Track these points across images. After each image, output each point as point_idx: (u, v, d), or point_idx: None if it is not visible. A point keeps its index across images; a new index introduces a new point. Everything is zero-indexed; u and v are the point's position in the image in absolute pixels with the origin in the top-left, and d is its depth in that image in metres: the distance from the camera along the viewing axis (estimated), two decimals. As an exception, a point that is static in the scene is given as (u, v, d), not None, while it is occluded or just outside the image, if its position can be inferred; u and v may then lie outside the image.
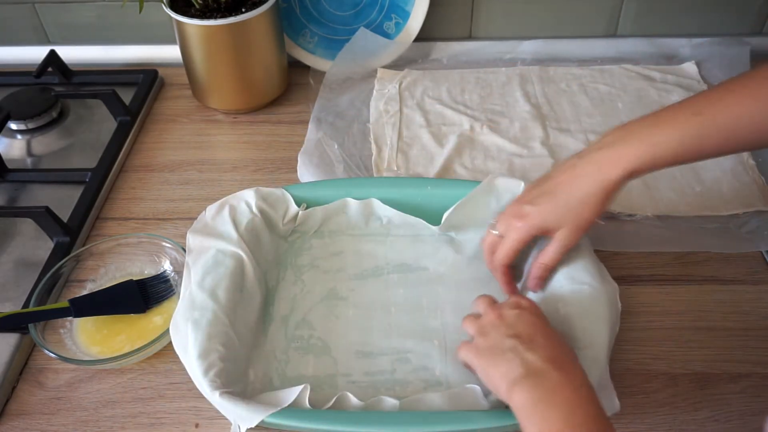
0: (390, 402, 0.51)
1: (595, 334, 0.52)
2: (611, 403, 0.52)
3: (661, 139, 0.50)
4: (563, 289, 0.56)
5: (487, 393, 0.51)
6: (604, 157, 0.51)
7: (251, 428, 0.49)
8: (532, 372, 0.45)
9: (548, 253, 0.56)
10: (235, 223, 0.61)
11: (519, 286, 0.60)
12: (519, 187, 0.63)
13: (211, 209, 0.62)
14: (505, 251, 0.56)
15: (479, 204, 0.64)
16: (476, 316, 0.53)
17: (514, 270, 0.59)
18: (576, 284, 0.55)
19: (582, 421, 0.42)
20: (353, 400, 0.51)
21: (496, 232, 0.57)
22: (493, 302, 0.53)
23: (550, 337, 0.48)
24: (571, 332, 0.53)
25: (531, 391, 0.44)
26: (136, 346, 0.57)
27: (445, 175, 0.75)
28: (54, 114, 0.86)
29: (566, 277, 0.56)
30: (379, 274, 0.64)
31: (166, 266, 0.65)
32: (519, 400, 0.44)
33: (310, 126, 0.81)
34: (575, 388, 0.44)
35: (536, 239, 0.57)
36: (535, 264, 0.57)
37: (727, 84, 0.51)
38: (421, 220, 0.66)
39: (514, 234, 0.55)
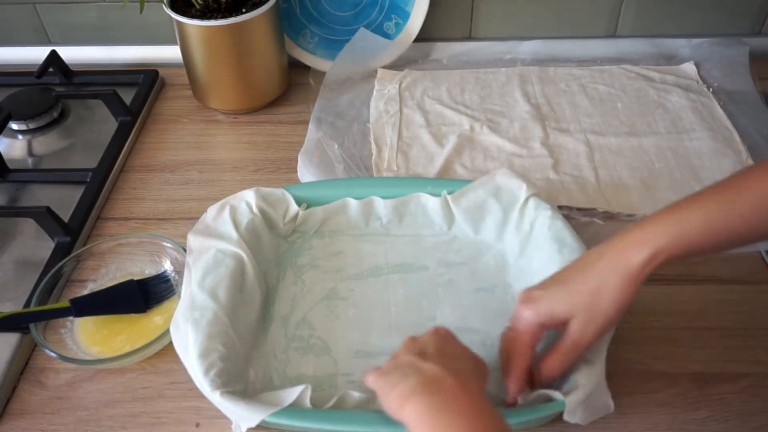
0: None
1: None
2: (605, 403, 0.52)
3: (689, 217, 0.46)
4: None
5: None
6: (626, 241, 0.46)
7: (252, 428, 0.49)
8: (427, 379, 0.42)
9: (555, 353, 0.48)
10: (236, 223, 0.61)
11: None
12: (520, 189, 0.63)
13: (212, 210, 0.62)
14: (523, 351, 0.49)
15: (479, 198, 0.64)
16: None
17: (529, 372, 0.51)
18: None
19: (483, 428, 0.40)
20: (355, 394, 0.51)
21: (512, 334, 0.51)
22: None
23: (456, 352, 0.46)
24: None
25: (423, 401, 0.41)
26: (137, 346, 0.57)
27: (445, 175, 0.75)
28: (55, 114, 0.86)
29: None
30: (379, 274, 0.64)
31: (167, 266, 0.65)
32: (414, 410, 0.41)
33: (310, 126, 0.81)
34: (472, 396, 0.42)
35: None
36: (542, 366, 0.49)
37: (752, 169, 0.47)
38: (423, 193, 0.65)
39: (523, 326, 0.49)
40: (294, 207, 0.65)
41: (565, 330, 0.48)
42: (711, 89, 0.85)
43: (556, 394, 0.49)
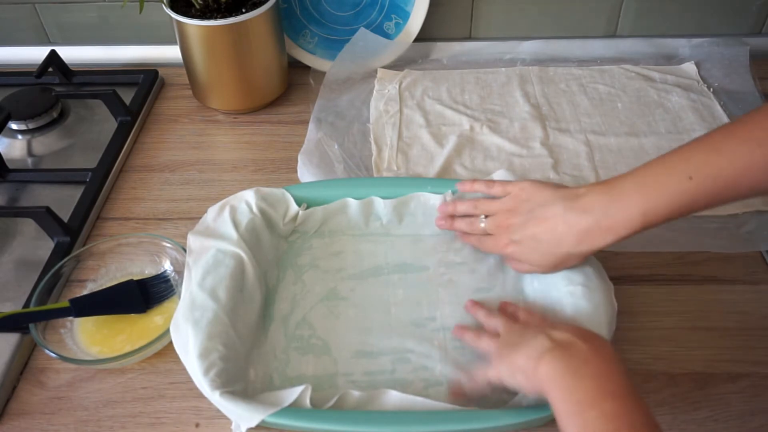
0: (393, 395, 0.51)
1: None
2: None
3: (652, 206, 0.50)
4: (560, 290, 0.56)
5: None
6: (593, 225, 0.52)
7: (252, 428, 0.49)
8: (560, 344, 0.44)
9: (523, 270, 0.59)
10: (236, 224, 0.61)
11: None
12: None
13: (212, 211, 0.62)
14: (481, 247, 0.61)
15: (477, 197, 0.64)
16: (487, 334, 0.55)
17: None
18: (572, 285, 0.56)
19: (615, 390, 0.41)
20: (355, 394, 0.51)
21: (483, 225, 0.60)
22: (510, 319, 0.55)
23: (576, 325, 0.49)
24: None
25: (560, 360, 0.43)
26: (137, 346, 0.57)
27: (445, 175, 0.75)
28: (54, 114, 0.86)
29: (562, 277, 0.57)
30: (379, 274, 0.64)
31: (167, 266, 0.65)
32: (546, 372, 0.43)
33: (310, 126, 0.81)
34: (605, 359, 0.43)
35: None
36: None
37: (716, 136, 0.50)
38: (422, 193, 0.66)
39: (494, 248, 0.60)
40: (294, 207, 0.65)
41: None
42: (711, 89, 0.85)
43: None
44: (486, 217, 0.60)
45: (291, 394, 0.50)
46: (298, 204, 0.65)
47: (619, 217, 0.51)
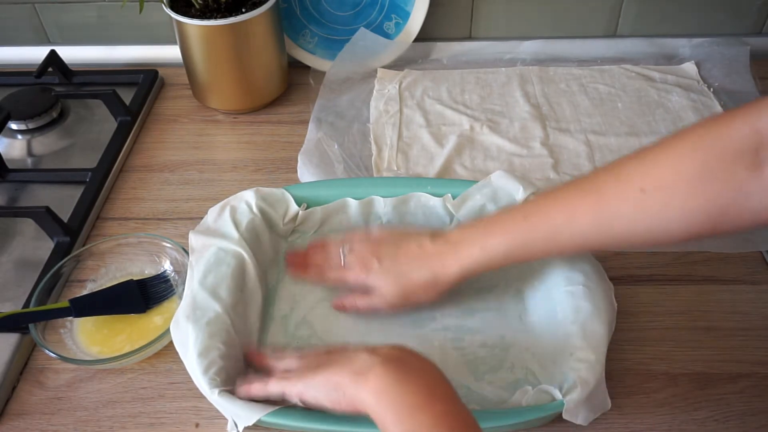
0: None
1: (592, 334, 0.52)
2: (603, 402, 0.52)
3: (491, 245, 0.53)
4: (560, 290, 0.56)
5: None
6: (446, 254, 0.55)
7: (249, 428, 0.49)
8: (388, 358, 0.44)
9: (367, 302, 0.58)
10: (236, 223, 0.61)
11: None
12: (517, 190, 0.62)
13: (212, 212, 0.62)
14: (333, 279, 0.60)
15: (477, 204, 0.64)
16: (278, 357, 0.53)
17: None
18: (572, 285, 0.55)
19: (444, 395, 0.43)
20: None
21: (342, 258, 0.60)
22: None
23: (390, 344, 0.48)
24: (568, 332, 0.53)
25: (391, 371, 0.43)
26: (137, 346, 0.57)
27: (445, 175, 0.75)
28: (54, 114, 0.86)
29: (563, 277, 0.57)
30: (379, 274, 0.64)
31: (167, 266, 0.65)
32: (375, 384, 0.43)
33: (310, 126, 0.81)
34: (429, 369, 0.45)
35: None
36: (351, 301, 0.59)
37: (560, 189, 0.52)
38: (422, 193, 0.65)
39: (350, 277, 0.59)
40: (294, 207, 0.65)
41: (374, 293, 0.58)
42: (711, 89, 0.85)
43: (556, 393, 0.49)
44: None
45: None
46: (298, 204, 0.65)
47: (465, 249, 0.54)
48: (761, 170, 0.44)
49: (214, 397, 0.49)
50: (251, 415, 0.48)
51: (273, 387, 0.49)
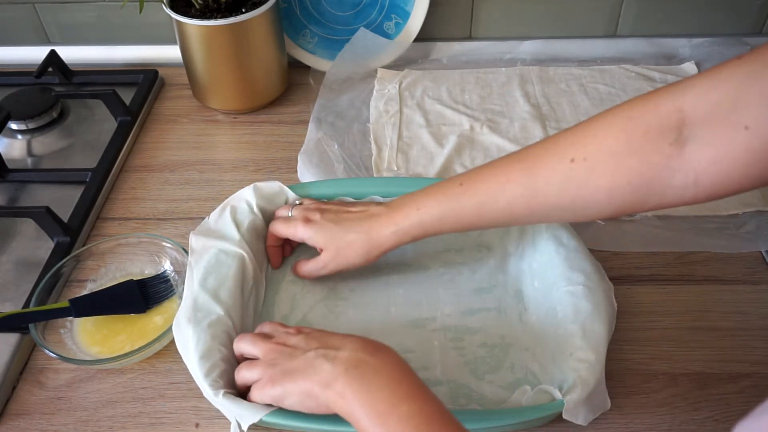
0: None
1: (592, 334, 0.52)
2: (603, 402, 0.52)
3: (426, 208, 0.54)
4: (560, 290, 0.56)
5: None
6: (383, 214, 0.57)
7: (251, 429, 0.49)
8: (350, 365, 0.44)
9: (307, 265, 0.61)
10: (237, 224, 0.61)
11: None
12: None
13: (213, 214, 0.62)
14: (281, 234, 0.61)
15: None
16: (245, 362, 0.51)
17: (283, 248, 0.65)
18: (572, 285, 0.56)
19: (408, 392, 0.43)
20: None
21: (289, 214, 0.62)
22: (261, 337, 0.51)
23: (346, 336, 0.48)
24: (568, 332, 0.53)
25: (354, 380, 0.44)
26: (137, 346, 0.57)
27: (445, 175, 0.75)
28: (54, 114, 0.86)
29: (563, 277, 0.57)
30: (378, 274, 0.64)
31: (167, 266, 0.65)
32: (342, 394, 0.43)
33: (310, 126, 0.81)
34: (393, 367, 0.45)
35: None
36: (296, 266, 0.62)
37: (498, 160, 0.53)
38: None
39: (295, 233, 0.60)
40: (293, 197, 0.65)
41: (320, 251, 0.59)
42: (711, 89, 0.85)
43: (556, 393, 0.49)
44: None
45: None
46: (298, 204, 0.66)
47: (401, 209, 0.56)
48: (683, 148, 0.45)
49: (218, 399, 0.49)
50: (254, 414, 0.48)
51: (253, 396, 0.49)
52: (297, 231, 0.59)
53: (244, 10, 0.78)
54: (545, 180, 0.50)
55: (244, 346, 0.51)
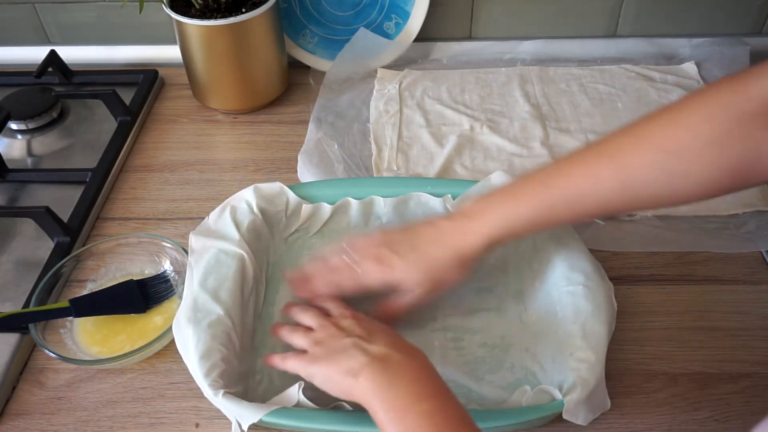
0: None
1: (592, 334, 0.52)
2: (603, 402, 0.52)
3: (515, 212, 0.53)
4: (560, 290, 0.56)
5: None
6: (466, 227, 0.54)
7: (251, 429, 0.49)
8: (376, 359, 0.46)
9: (399, 304, 0.56)
10: (237, 224, 0.61)
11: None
12: None
13: (213, 214, 0.62)
14: (351, 287, 0.56)
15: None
16: (301, 329, 0.53)
17: None
18: (572, 285, 0.56)
19: (429, 393, 0.44)
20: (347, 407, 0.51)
21: (347, 260, 0.56)
22: (323, 315, 0.53)
23: (389, 331, 0.50)
24: (568, 332, 0.53)
25: (377, 374, 0.45)
26: (137, 346, 0.57)
27: (445, 175, 0.75)
28: (54, 114, 0.86)
29: (563, 277, 0.57)
30: (379, 274, 0.64)
31: (167, 266, 0.65)
32: (365, 386, 0.45)
33: (310, 126, 0.81)
34: (418, 366, 0.46)
35: None
36: (384, 307, 0.57)
37: (580, 154, 0.52)
38: (422, 193, 0.65)
39: (370, 279, 0.55)
40: (294, 199, 0.65)
41: (401, 288, 0.55)
42: (711, 89, 0.85)
43: (556, 393, 0.49)
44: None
45: (289, 396, 0.50)
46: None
47: (488, 218, 0.53)
48: None
49: (218, 399, 0.49)
50: (255, 414, 0.48)
51: (290, 364, 0.51)
52: (381, 278, 0.55)
53: (244, 10, 0.78)
54: (639, 173, 0.49)
55: (304, 317, 0.54)
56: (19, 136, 0.84)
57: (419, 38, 0.91)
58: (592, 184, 0.50)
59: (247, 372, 0.55)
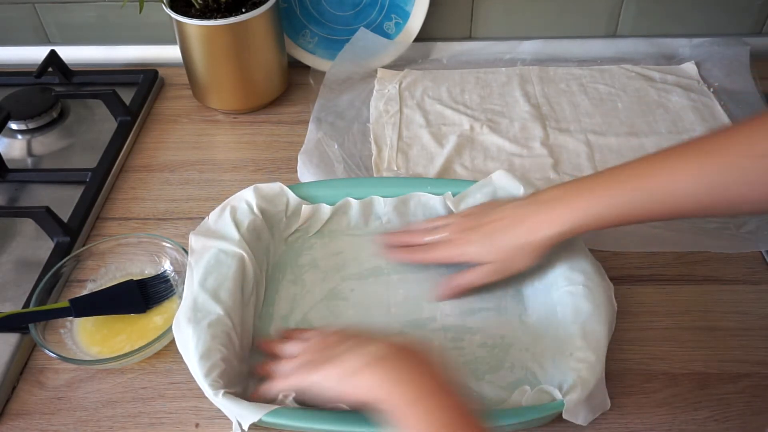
0: None
1: (592, 334, 0.52)
2: (603, 402, 0.52)
3: (597, 204, 0.52)
4: (560, 290, 0.56)
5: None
6: (543, 214, 0.54)
7: (251, 429, 0.49)
8: (377, 356, 0.45)
9: (467, 278, 0.58)
10: (237, 224, 0.61)
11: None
12: (518, 190, 0.62)
13: (213, 214, 0.62)
14: (430, 258, 0.61)
15: (477, 202, 0.64)
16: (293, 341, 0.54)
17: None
18: (572, 285, 0.56)
19: (434, 389, 0.43)
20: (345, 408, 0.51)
21: (439, 237, 0.60)
22: (304, 339, 0.53)
23: (381, 337, 0.48)
24: (568, 333, 0.53)
25: (378, 372, 0.44)
26: (137, 346, 0.57)
27: (445, 175, 0.75)
28: (54, 114, 0.86)
29: (563, 277, 0.57)
30: (379, 275, 0.64)
31: (167, 266, 0.65)
32: (368, 383, 0.44)
33: (310, 126, 0.81)
34: (422, 362, 0.45)
35: None
36: (452, 280, 0.60)
37: (670, 151, 0.51)
38: (422, 192, 0.66)
39: (446, 253, 0.60)
40: (294, 199, 0.65)
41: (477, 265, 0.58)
42: (712, 89, 0.85)
43: (556, 393, 0.49)
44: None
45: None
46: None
47: (563, 208, 0.53)
48: None
49: (218, 399, 0.49)
50: (255, 414, 0.48)
51: (291, 380, 0.50)
52: (452, 257, 0.59)
53: (244, 10, 0.78)
54: (734, 177, 0.48)
55: (288, 348, 0.53)
56: (19, 136, 0.84)
57: (419, 38, 0.91)
58: (682, 185, 0.49)
59: (247, 372, 0.55)
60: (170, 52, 0.90)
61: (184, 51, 0.82)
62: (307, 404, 0.50)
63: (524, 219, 0.55)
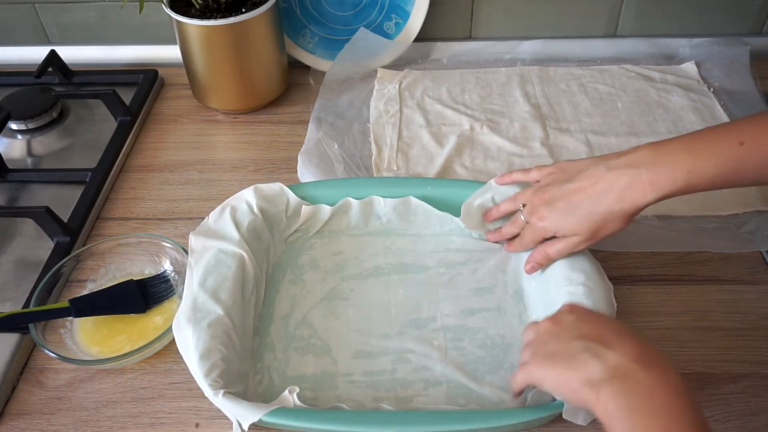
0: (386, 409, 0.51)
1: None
2: None
3: (699, 165, 0.49)
4: (560, 290, 0.56)
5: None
6: (635, 178, 0.51)
7: (252, 429, 0.49)
8: (618, 374, 0.40)
9: (556, 248, 0.57)
10: (237, 224, 0.61)
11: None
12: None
13: (213, 214, 0.62)
14: (523, 246, 0.60)
15: (476, 206, 0.64)
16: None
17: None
18: (572, 284, 0.56)
19: (681, 429, 0.38)
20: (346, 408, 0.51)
21: (523, 219, 0.59)
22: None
23: (622, 333, 0.44)
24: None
25: (621, 396, 0.39)
26: (137, 346, 0.57)
27: (445, 175, 0.75)
28: (54, 114, 0.86)
29: (562, 277, 0.57)
30: (379, 274, 0.64)
31: (166, 266, 0.65)
32: (608, 407, 0.40)
33: (310, 126, 0.81)
34: (672, 391, 0.39)
35: None
36: (539, 251, 0.58)
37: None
38: (426, 206, 0.66)
39: (531, 235, 0.58)
40: (294, 199, 0.65)
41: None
42: (712, 89, 0.85)
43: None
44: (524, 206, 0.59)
45: (285, 401, 0.50)
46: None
47: (663, 172, 0.50)
48: None
49: (218, 399, 0.49)
50: (255, 414, 0.48)
51: (517, 378, 0.48)
52: (538, 236, 0.57)
53: (244, 10, 0.78)
54: None
55: (526, 334, 0.50)
56: (19, 136, 0.84)
57: (419, 38, 0.91)
58: None
59: (247, 372, 0.55)
60: (170, 52, 0.90)
61: (184, 51, 0.82)
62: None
63: (612, 186, 0.52)
